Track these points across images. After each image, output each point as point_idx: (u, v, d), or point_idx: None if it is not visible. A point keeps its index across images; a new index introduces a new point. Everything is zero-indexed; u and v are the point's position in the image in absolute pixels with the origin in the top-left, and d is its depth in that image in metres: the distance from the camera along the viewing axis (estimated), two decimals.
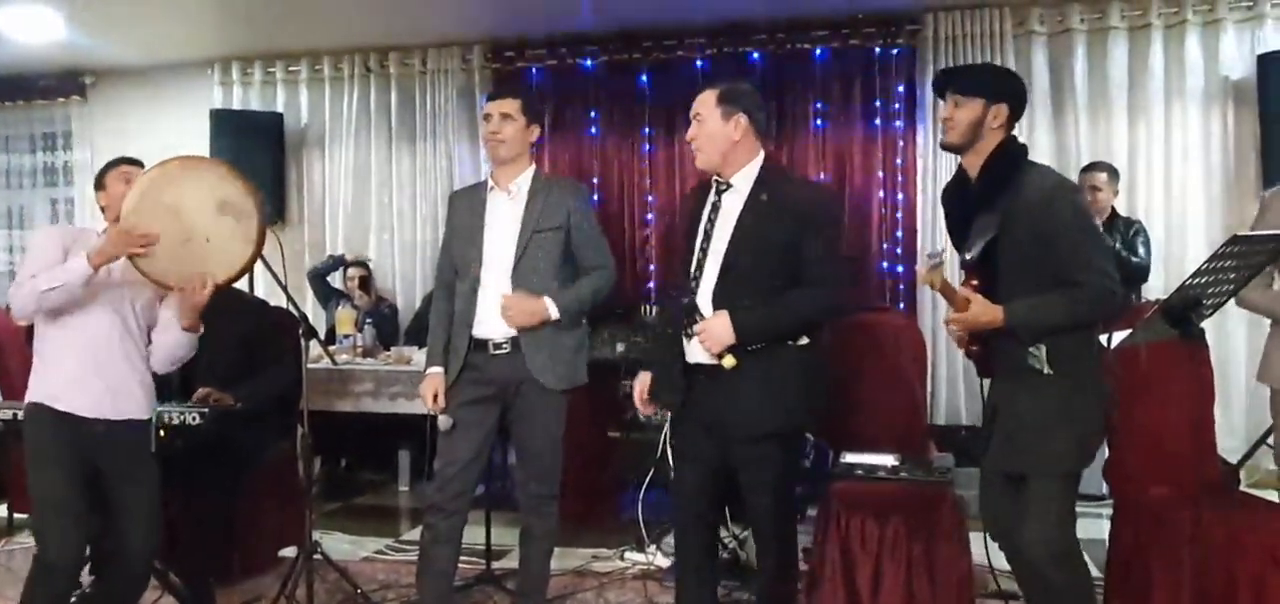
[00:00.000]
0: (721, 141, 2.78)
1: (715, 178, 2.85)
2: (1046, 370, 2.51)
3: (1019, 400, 2.59)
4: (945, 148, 2.69)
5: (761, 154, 2.85)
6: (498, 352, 3.18)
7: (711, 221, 2.81)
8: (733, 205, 2.79)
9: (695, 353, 2.79)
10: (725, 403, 2.75)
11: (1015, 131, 2.63)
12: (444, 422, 3.18)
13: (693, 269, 2.80)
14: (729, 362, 2.69)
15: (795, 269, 2.72)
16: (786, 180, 3.01)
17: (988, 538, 2.80)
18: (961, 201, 2.70)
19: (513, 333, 3.17)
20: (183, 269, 2.93)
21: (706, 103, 2.81)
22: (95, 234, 3.04)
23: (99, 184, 3.12)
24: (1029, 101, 2.78)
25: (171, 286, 2.99)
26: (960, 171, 2.71)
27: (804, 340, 2.75)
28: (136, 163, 3.10)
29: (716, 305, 2.73)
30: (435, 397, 3.21)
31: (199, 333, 3.08)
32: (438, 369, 3.24)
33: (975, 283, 2.54)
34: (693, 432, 2.89)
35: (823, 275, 2.74)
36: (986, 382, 2.73)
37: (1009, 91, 2.62)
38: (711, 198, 2.85)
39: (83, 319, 2.95)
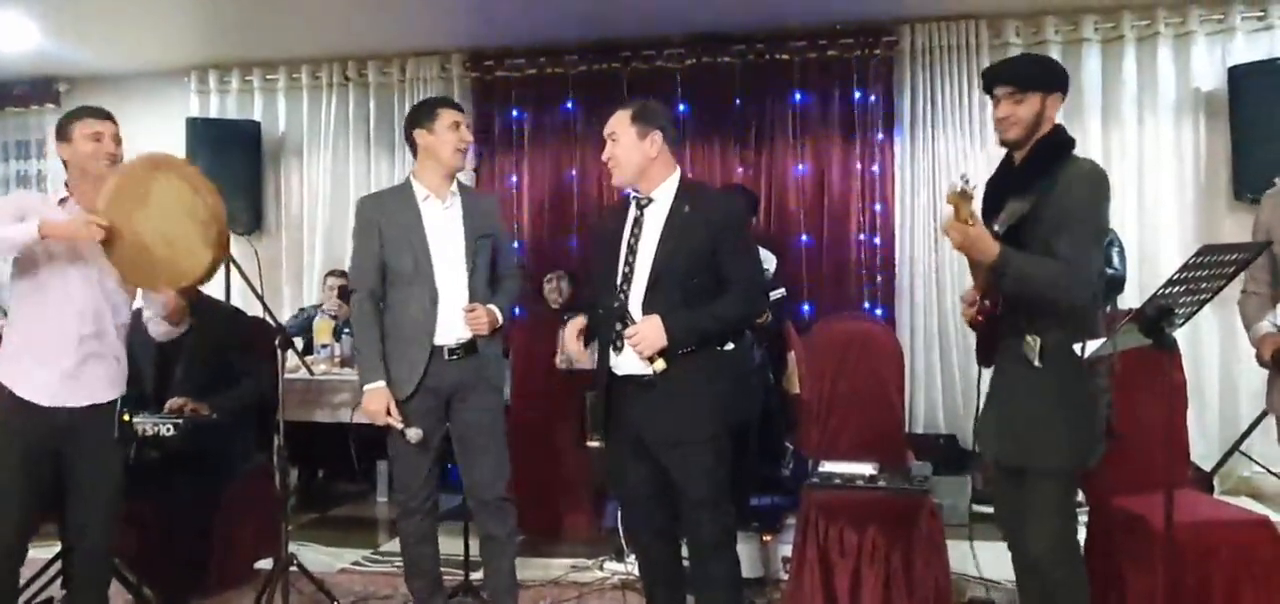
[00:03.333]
0: (639, 158, 2.85)
1: (634, 194, 2.91)
2: (1036, 363, 2.54)
3: (1014, 394, 2.63)
4: (1005, 144, 2.68)
5: (678, 169, 2.94)
6: (453, 357, 3.17)
7: (635, 236, 2.86)
8: (656, 218, 2.85)
9: (624, 364, 2.82)
10: (654, 412, 2.78)
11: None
12: (414, 434, 3.13)
13: (619, 281, 2.84)
14: (659, 365, 2.73)
15: (717, 275, 2.80)
16: (704, 191, 3.10)
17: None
18: (1000, 186, 2.70)
19: (468, 336, 3.17)
20: (147, 269, 2.96)
21: (621, 121, 2.88)
22: (53, 207, 3.01)
23: (63, 134, 3.06)
24: None
25: (140, 284, 3.04)
26: (1006, 160, 2.71)
27: (729, 345, 2.84)
28: (104, 116, 3.08)
29: (647, 313, 2.76)
30: (388, 411, 3.13)
31: (183, 326, 3.14)
32: (381, 383, 3.14)
33: None
34: (625, 451, 2.91)
35: (742, 278, 2.83)
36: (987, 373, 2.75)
37: (1060, 79, 2.67)
38: (632, 213, 2.90)
39: (54, 305, 2.93)
